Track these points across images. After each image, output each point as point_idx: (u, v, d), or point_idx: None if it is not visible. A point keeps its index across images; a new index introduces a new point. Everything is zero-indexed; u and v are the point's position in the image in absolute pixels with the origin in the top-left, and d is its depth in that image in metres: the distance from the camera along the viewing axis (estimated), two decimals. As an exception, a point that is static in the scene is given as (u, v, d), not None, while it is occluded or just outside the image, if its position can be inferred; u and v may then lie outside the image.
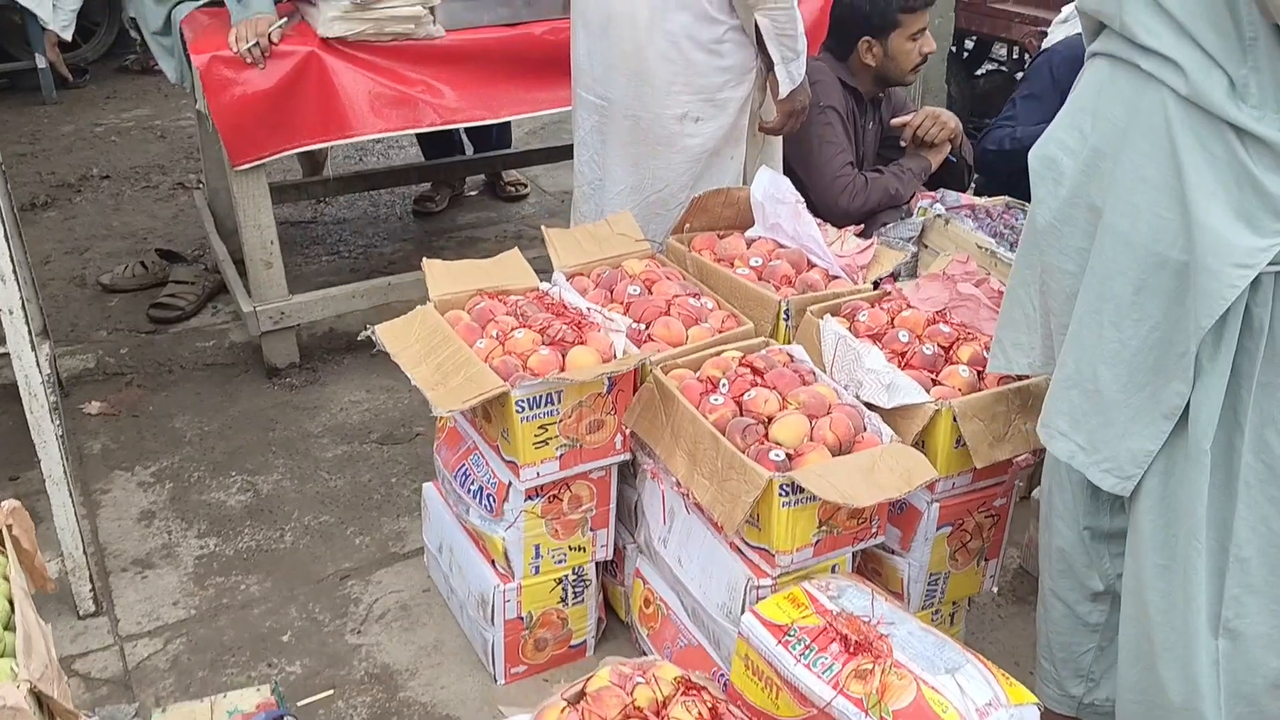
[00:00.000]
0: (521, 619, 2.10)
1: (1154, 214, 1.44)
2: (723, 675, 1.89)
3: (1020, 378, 1.97)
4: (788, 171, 2.84)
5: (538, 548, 2.05)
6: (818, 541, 1.84)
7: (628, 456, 2.08)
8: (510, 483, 2.00)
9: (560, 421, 1.95)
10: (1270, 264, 1.38)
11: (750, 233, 2.53)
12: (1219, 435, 1.48)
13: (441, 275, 2.26)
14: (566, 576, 2.11)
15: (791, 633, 1.66)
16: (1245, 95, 1.35)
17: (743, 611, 1.81)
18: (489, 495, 2.05)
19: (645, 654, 2.16)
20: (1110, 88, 1.51)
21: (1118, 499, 1.67)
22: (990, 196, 2.83)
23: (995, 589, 2.17)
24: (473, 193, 4.62)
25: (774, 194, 2.51)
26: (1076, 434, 1.62)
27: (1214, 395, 1.46)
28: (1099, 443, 1.59)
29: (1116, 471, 1.57)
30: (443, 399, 1.90)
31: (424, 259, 2.30)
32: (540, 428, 1.93)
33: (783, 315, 2.23)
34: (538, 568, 2.07)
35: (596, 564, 2.17)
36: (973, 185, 3.20)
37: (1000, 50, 5.64)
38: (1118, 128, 1.49)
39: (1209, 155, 1.38)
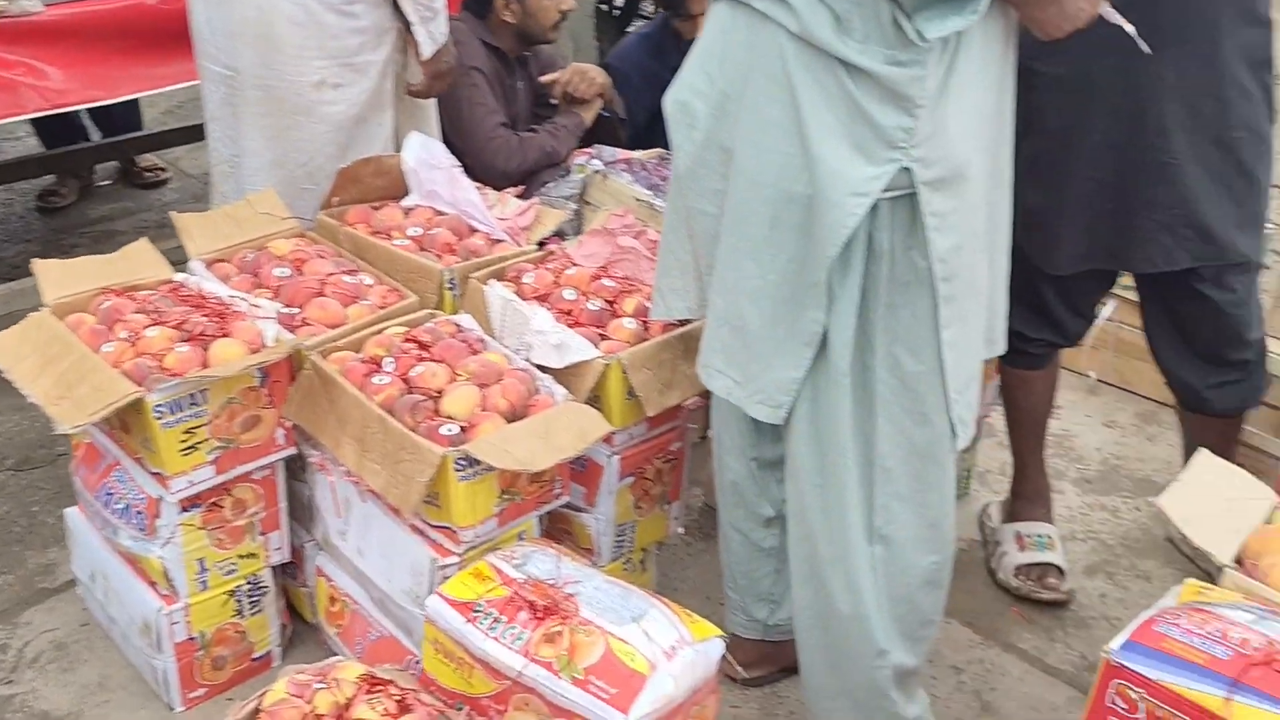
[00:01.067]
0: (194, 639, 1.93)
1: (779, 152, 1.49)
2: (417, 662, 1.82)
3: (683, 323, 2.01)
4: (444, 137, 2.76)
5: (202, 562, 1.89)
6: (501, 511, 1.80)
7: (293, 451, 1.95)
8: (160, 496, 1.82)
9: (209, 423, 1.79)
10: (885, 191, 1.46)
11: (406, 202, 2.43)
12: (855, 356, 1.57)
13: (57, 276, 2.01)
14: (240, 588, 1.96)
15: (478, 608, 1.61)
16: (849, 30, 1.41)
17: (430, 594, 1.74)
18: (138, 513, 1.86)
19: (336, 654, 2.05)
20: (731, 30, 1.54)
21: (778, 428, 1.74)
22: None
23: (681, 529, 2.23)
24: (105, 182, 4.20)
25: (427, 159, 2.43)
26: (731, 370, 1.67)
27: (847, 320, 1.54)
28: (750, 376, 1.64)
29: (768, 401, 1.64)
30: (67, 414, 1.70)
31: (33, 260, 2.04)
32: (186, 432, 1.77)
33: (447, 284, 2.16)
34: (205, 583, 1.91)
35: (273, 569, 2.03)
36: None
37: (648, 6, 5.77)
38: (741, 69, 1.52)
39: (823, 90, 1.45)
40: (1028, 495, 2.43)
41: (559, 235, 2.52)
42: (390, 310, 2.06)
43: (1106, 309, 2.96)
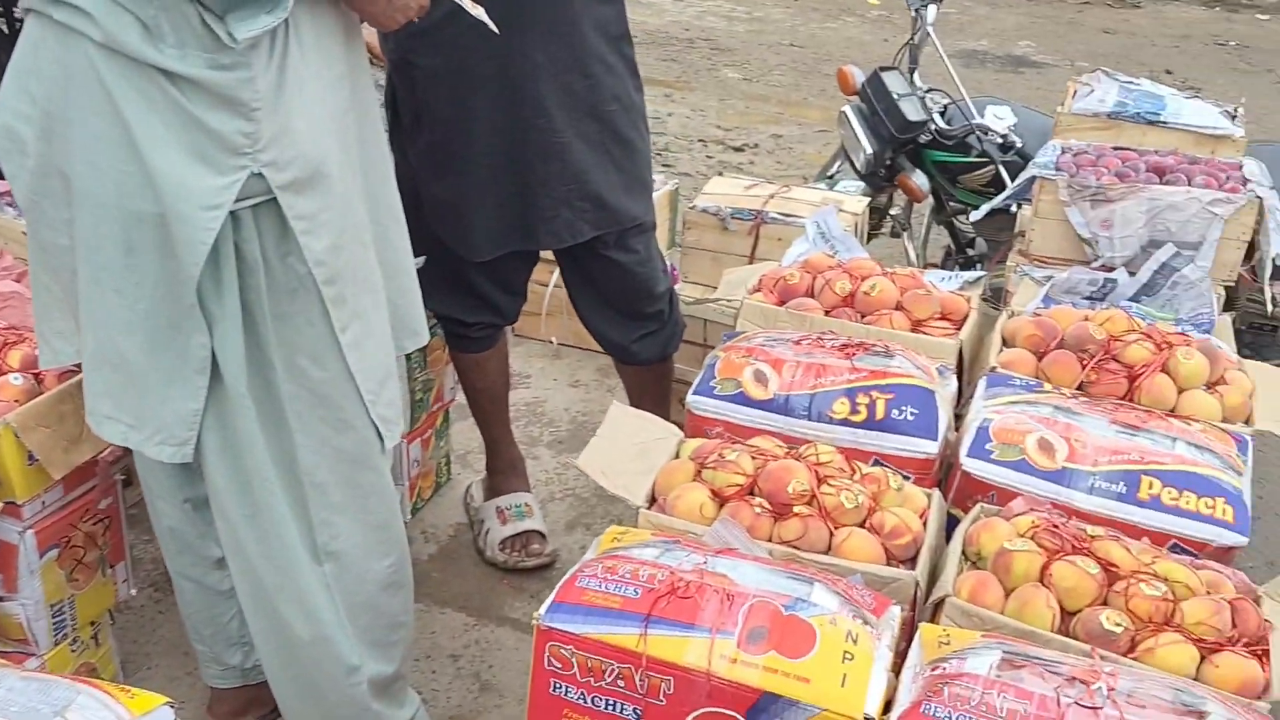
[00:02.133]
0: None
1: (116, 170, 1.36)
2: None
3: (80, 368, 1.80)
4: None
5: None
6: (-124, 629, 1.51)
7: None
8: None
9: None
10: (242, 199, 1.39)
11: None
12: (254, 375, 1.49)
13: None
14: None
15: None
16: (161, 36, 1.31)
17: None
18: None
19: None
20: (42, 45, 1.38)
21: (207, 464, 1.62)
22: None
23: (134, 590, 2.02)
24: None
25: None
26: (122, 413, 1.52)
27: (234, 339, 1.45)
28: (145, 416, 1.51)
29: (170, 440, 1.51)
30: None
31: None
32: None
33: None
34: None
35: None
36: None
37: None
38: (59, 86, 1.37)
39: (148, 101, 1.33)
40: (503, 469, 2.50)
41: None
42: None
43: (554, 276, 3.11)
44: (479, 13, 1.64)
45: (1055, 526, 1.52)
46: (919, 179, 3.34)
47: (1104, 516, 1.61)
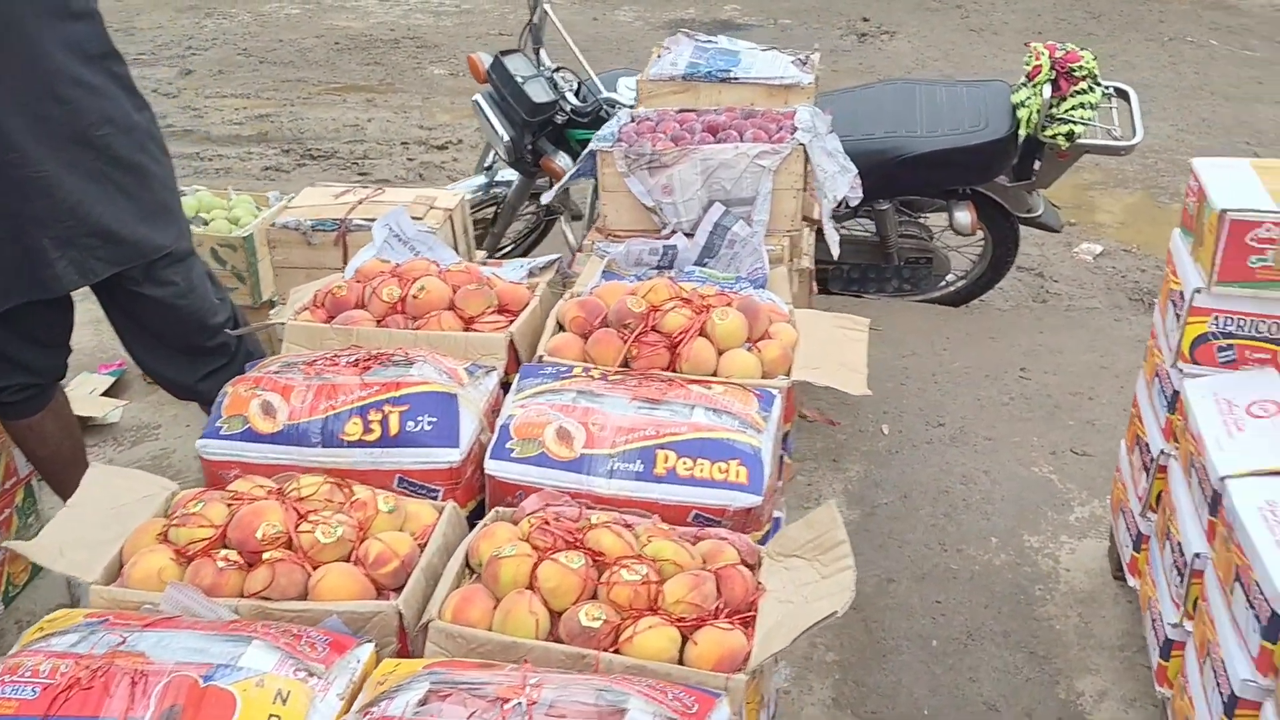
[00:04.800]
0: None
1: None
2: None
3: None
4: None
5: None
6: None
7: None
8: None
9: None
10: None
11: None
12: None
13: None
14: None
15: None
16: None
17: None
18: None
19: None
20: None
21: None
22: None
23: None
24: None
25: None
26: None
27: None
28: None
29: None
30: None
31: None
32: None
33: None
34: None
35: None
36: None
37: None
38: None
39: None
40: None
41: None
42: None
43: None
44: None
45: (547, 523, 1.45)
46: (562, 160, 3.26)
47: (625, 498, 1.55)
